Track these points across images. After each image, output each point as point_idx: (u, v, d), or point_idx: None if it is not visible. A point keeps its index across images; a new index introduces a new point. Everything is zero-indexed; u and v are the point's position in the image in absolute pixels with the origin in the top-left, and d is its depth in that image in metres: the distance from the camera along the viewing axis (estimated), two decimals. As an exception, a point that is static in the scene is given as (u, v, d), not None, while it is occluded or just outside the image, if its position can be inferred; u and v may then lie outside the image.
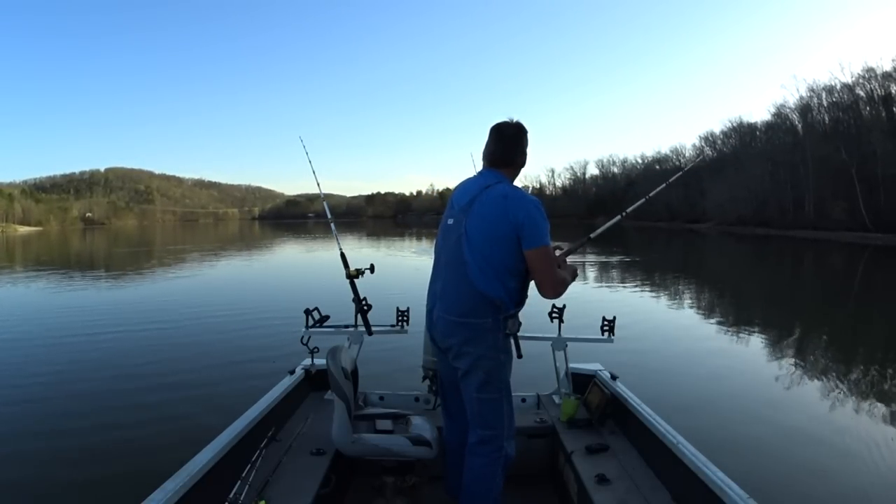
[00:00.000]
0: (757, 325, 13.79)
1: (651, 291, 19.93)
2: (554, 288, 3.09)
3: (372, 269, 4.46)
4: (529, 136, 3.29)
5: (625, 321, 7.51)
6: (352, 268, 4.44)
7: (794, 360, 10.36)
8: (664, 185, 5.02)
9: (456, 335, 3.09)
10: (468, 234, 3.05)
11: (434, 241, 3.47)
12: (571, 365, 4.51)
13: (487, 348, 3.06)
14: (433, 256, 3.37)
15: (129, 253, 48.25)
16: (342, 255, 4.58)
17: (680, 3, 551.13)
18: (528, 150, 3.31)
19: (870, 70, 65.24)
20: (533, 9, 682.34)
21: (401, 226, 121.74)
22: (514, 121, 3.27)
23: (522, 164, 3.29)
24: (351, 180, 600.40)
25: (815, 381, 9.08)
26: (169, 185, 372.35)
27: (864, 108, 65.64)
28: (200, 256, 39.36)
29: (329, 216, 5.11)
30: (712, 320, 14.55)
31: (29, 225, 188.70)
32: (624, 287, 20.95)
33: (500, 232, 3.00)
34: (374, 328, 4.51)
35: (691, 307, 16.90)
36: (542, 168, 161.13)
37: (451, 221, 3.19)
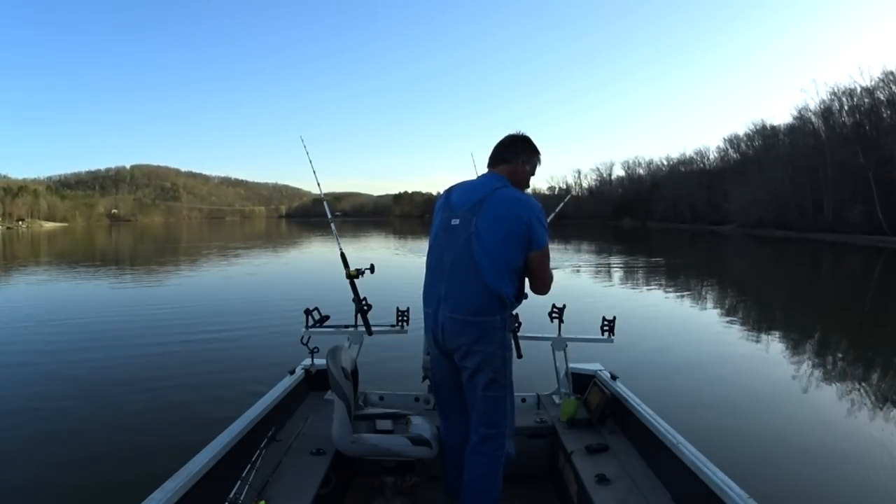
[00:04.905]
0: (761, 327, 13.74)
1: (658, 292, 19.79)
2: (548, 285, 3.28)
3: (372, 269, 4.45)
4: (537, 146, 3.40)
5: (627, 321, 7.48)
6: (352, 268, 4.43)
7: (797, 361, 10.30)
8: (561, 204, 5.06)
9: (466, 334, 3.09)
10: (479, 234, 3.07)
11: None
12: (571, 365, 4.51)
13: (497, 346, 3.11)
14: (430, 261, 3.36)
15: (153, 250, 48.56)
16: (342, 255, 4.58)
17: (704, 6, 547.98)
18: (536, 159, 3.41)
19: (889, 74, 64.82)
20: (560, 9, 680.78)
21: (428, 225, 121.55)
22: (516, 133, 3.40)
23: (522, 168, 3.35)
24: (378, 179, 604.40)
25: (818, 382, 9.03)
26: (195, 182, 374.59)
27: (884, 112, 65.04)
28: (222, 255, 39.53)
29: (329, 216, 5.06)
30: (716, 321, 14.41)
31: (54, 221, 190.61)
32: (629, 288, 20.90)
33: (514, 232, 3.06)
34: (374, 328, 4.51)
35: (696, 308, 16.79)
36: (568, 169, 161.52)
37: (456, 222, 3.19)
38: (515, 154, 3.33)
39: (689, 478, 2.97)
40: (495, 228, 3.07)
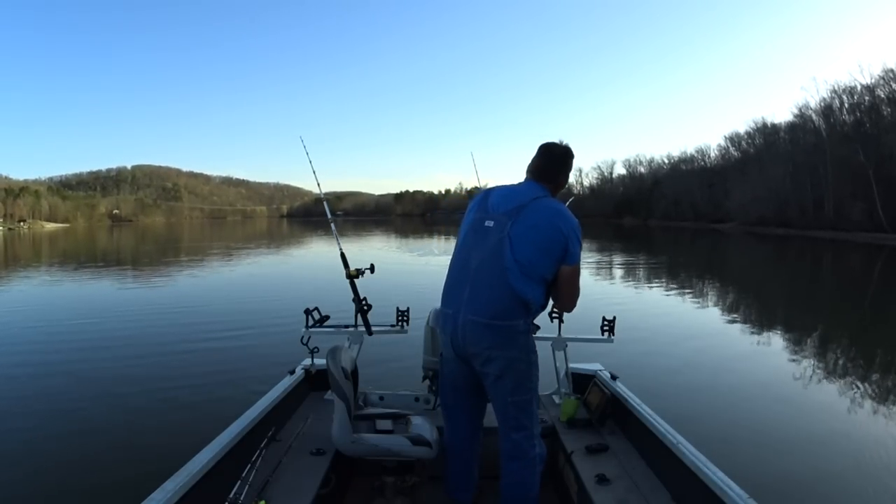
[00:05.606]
0: (762, 326, 13.69)
1: (659, 291, 19.64)
2: (575, 301, 3.29)
3: (372, 269, 4.49)
4: (574, 158, 3.41)
5: (627, 321, 7.44)
6: (352, 268, 4.46)
7: (798, 360, 10.21)
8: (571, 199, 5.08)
9: (486, 339, 3.05)
10: (513, 239, 3.05)
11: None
12: (571, 365, 4.52)
13: (520, 351, 3.09)
14: (455, 261, 3.33)
15: (154, 250, 48.34)
16: (342, 255, 4.60)
17: (705, 4, 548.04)
18: (570, 175, 3.44)
19: (889, 71, 64.86)
20: (561, 8, 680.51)
21: (429, 224, 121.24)
22: (564, 143, 3.37)
23: (562, 184, 3.40)
24: (380, 178, 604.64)
25: (819, 381, 8.96)
26: (196, 182, 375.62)
27: (884, 110, 65.05)
28: (223, 255, 39.45)
29: (329, 216, 5.05)
30: (717, 320, 14.35)
31: (56, 222, 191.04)
32: (629, 287, 20.79)
33: (550, 243, 3.06)
34: (374, 328, 4.53)
35: (697, 307, 16.66)
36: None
37: (490, 224, 3.16)
38: (561, 174, 3.35)
39: (689, 478, 2.97)
40: (531, 236, 3.06)
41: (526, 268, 3.02)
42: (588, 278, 22.50)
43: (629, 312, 13.63)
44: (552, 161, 3.32)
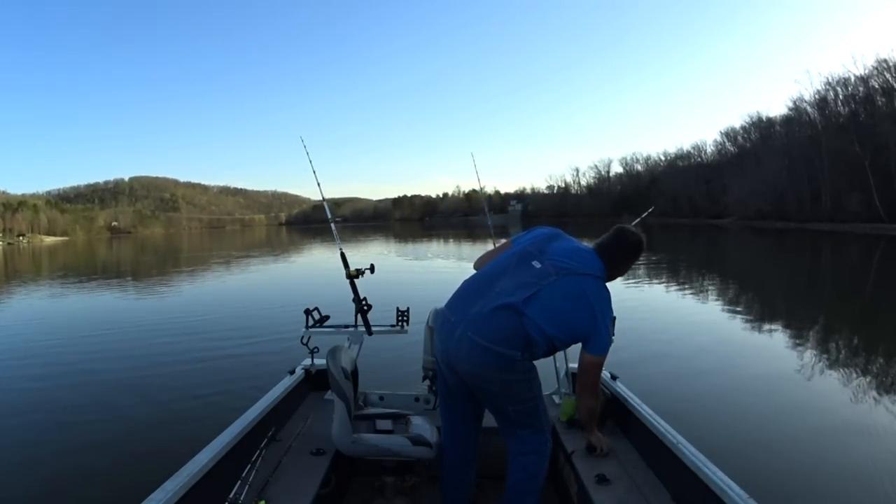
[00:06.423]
0: (763, 323, 13.56)
1: (658, 289, 19.39)
2: (593, 392, 3.41)
3: (372, 269, 4.52)
4: (634, 253, 3.40)
5: (627, 321, 7.34)
6: (352, 268, 4.47)
7: (799, 357, 10.04)
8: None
9: (478, 360, 2.98)
10: (544, 294, 3.03)
11: (480, 254, 3.53)
12: (571, 365, 4.47)
13: (518, 373, 3.03)
14: (481, 274, 3.31)
15: (154, 261, 48.41)
16: (342, 256, 4.61)
17: (698, 3, 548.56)
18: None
19: (882, 62, 65.11)
20: (556, 13, 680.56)
21: (428, 228, 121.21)
22: (639, 235, 3.38)
23: (621, 271, 3.38)
24: (378, 184, 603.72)
25: (820, 379, 8.81)
26: (194, 192, 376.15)
27: (878, 100, 65.26)
28: (223, 263, 39.42)
29: (329, 216, 5.05)
30: (717, 318, 14.15)
31: (55, 235, 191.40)
32: (629, 286, 20.54)
33: (576, 324, 3.08)
34: (374, 328, 4.54)
35: (697, 305, 16.45)
36: (567, 167, 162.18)
37: (537, 265, 3.13)
38: (624, 258, 3.35)
39: (689, 478, 2.97)
40: (563, 304, 3.05)
41: (541, 322, 2.98)
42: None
43: (629, 311, 13.57)
44: (626, 252, 3.34)
